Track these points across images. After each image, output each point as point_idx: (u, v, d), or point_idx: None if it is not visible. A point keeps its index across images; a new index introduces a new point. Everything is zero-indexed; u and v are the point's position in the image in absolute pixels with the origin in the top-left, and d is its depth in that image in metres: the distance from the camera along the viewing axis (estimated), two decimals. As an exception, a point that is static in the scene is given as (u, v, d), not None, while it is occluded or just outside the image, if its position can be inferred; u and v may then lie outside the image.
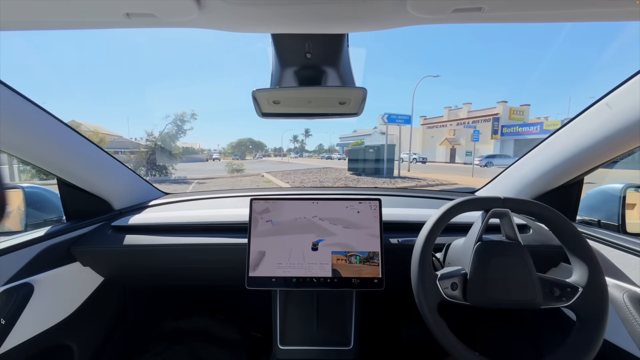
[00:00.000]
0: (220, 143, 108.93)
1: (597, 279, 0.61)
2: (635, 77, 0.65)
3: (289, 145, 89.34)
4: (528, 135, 26.15)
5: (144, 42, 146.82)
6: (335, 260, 0.85)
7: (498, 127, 27.63)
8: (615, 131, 0.71)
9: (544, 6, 0.42)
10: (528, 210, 0.67)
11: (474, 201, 0.66)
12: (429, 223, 0.66)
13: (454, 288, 0.62)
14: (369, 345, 1.29)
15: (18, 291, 0.76)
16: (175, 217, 1.04)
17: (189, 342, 1.30)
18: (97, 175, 1.02)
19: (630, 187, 0.91)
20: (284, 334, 0.89)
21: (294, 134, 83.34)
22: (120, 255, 0.98)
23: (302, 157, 61.40)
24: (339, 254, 0.86)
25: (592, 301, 0.60)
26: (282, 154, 64.45)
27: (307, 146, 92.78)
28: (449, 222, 0.66)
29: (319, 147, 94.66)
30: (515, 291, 0.62)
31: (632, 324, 0.65)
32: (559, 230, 0.66)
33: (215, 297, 1.50)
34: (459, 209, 0.66)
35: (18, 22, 0.48)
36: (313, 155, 75.97)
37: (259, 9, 0.44)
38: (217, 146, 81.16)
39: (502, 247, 0.66)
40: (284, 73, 0.72)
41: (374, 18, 0.47)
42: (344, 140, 62.24)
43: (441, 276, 0.63)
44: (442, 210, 0.66)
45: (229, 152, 59.85)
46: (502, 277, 0.62)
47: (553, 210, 0.66)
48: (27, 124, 0.76)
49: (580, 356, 0.57)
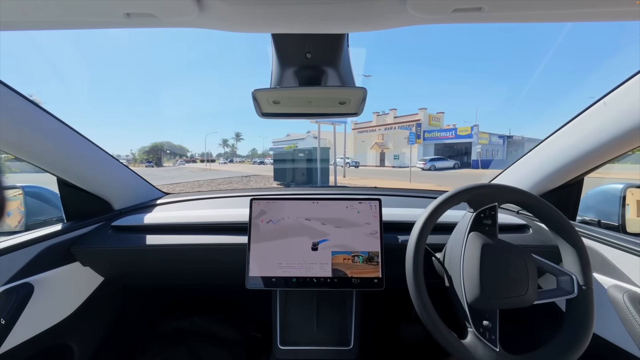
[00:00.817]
0: (133, 148, 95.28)
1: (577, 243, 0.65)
2: (635, 77, 0.65)
3: (218, 150, 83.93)
4: (445, 140, 29.82)
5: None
6: (335, 260, 0.85)
7: (420, 132, 29.96)
8: (615, 131, 0.71)
9: (544, 6, 0.42)
10: (493, 200, 0.69)
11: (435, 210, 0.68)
12: (409, 253, 0.65)
13: (488, 327, 0.61)
14: (368, 345, 1.29)
15: (18, 291, 0.76)
16: (175, 217, 1.04)
17: (189, 342, 1.30)
18: (97, 175, 1.02)
19: (631, 187, 0.91)
20: (284, 334, 0.89)
21: (223, 137, 78.57)
22: (120, 255, 0.98)
23: (232, 163, 58.03)
24: (339, 254, 0.86)
25: (583, 298, 0.62)
26: (208, 159, 58.80)
27: (240, 151, 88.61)
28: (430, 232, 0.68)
29: (252, 152, 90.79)
30: (512, 287, 0.62)
31: (632, 324, 0.65)
32: (547, 219, 0.69)
33: (215, 297, 1.50)
34: (451, 203, 0.67)
35: (18, 22, 0.47)
36: (246, 160, 72.14)
37: (259, 9, 0.44)
38: (130, 152, 72.03)
39: (505, 245, 0.66)
40: (284, 73, 0.72)
41: (374, 18, 0.47)
42: (276, 145, 56.96)
43: (476, 328, 0.61)
44: (436, 203, 0.68)
45: (143, 158, 53.50)
46: (503, 276, 0.62)
47: (524, 192, 0.69)
48: (27, 124, 0.76)
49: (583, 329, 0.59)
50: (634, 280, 0.70)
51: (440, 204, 0.68)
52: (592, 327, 0.59)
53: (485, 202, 0.69)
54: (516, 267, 0.63)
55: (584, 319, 0.60)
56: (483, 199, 0.69)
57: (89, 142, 0.95)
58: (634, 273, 0.71)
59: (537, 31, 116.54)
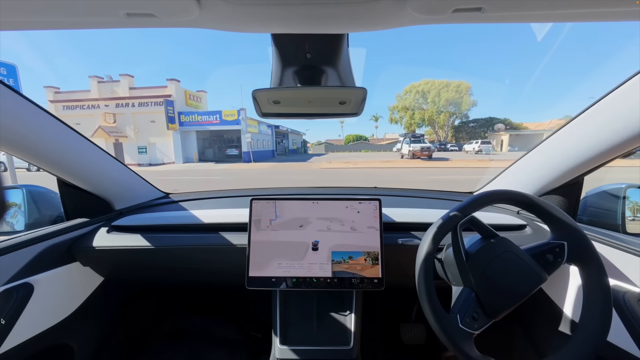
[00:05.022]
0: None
1: (572, 227, 0.66)
2: (635, 77, 0.65)
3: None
4: (210, 126, 21.70)
5: None
6: (335, 260, 0.85)
7: (174, 114, 20.44)
8: (615, 131, 0.71)
9: (544, 6, 0.42)
10: (486, 202, 0.69)
11: (440, 229, 0.66)
12: (420, 279, 0.64)
13: (477, 317, 0.61)
14: (368, 345, 1.29)
15: (18, 291, 0.77)
16: (175, 217, 1.04)
17: (189, 342, 1.30)
18: (98, 175, 1.02)
19: (631, 187, 0.91)
20: (284, 333, 0.89)
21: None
22: (120, 255, 0.98)
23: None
24: (339, 254, 0.86)
25: (581, 247, 0.65)
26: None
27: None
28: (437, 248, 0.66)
29: None
30: (522, 283, 0.63)
31: (632, 324, 0.65)
32: (523, 203, 0.70)
33: (215, 297, 1.50)
34: (435, 244, 0.65)
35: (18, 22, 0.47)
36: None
37: (259, 9, 0.44)
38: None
39: (489, 250, 0.67)
40: (284, 73, 0.72)
41: (374, 18, 0.47)
42: None
43: (460, 315, 0.61)
44: (420, 264, 0.64)
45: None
46: (505, 278, 0.63)
47: (507, 191, 0.70)
48: (27, 124, 0.76)
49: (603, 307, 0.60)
50: (634, 281, 0.70)
51: (430, 247, 0.65)
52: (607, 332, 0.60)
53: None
54: (515, 261, 0.65)
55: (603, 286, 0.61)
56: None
57: (89, 142, 0.95)
58: (634, 273, 0.70)
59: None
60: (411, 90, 41.16)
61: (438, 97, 39.25)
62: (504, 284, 0.63)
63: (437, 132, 41.83)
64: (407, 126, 42.09)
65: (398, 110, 42.85)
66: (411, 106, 41.37)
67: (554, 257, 0.66)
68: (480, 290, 0.63)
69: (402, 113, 42.43)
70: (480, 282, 0.64)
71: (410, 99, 41.17)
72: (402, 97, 42.45)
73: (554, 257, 0.66)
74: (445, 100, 39.02)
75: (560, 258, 0.66)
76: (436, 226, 0.66)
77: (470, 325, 0.60)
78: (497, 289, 0.63)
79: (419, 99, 40.73)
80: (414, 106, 41.28)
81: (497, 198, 0.70)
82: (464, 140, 41.35)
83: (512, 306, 0.62)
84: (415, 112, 41.28)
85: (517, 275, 0.64)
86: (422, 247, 0.66)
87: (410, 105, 41.40)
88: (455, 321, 0.60)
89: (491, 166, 13.30)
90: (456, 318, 0.60)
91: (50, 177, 0.96)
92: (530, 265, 0.64)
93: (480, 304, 0.63)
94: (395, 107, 43.13)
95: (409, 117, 41.75)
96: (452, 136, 44.01)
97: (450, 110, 40.20)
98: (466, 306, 0.62)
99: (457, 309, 0.62)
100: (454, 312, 0.62)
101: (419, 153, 19.15)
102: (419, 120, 41.25)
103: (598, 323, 0.60)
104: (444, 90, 38.83)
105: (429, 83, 40.26)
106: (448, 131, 42.55)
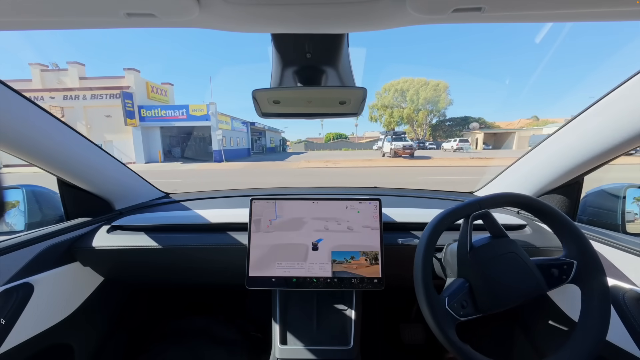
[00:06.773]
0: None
1: (587, 248, 0.64)
2: (635, 77, 0.65)
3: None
4: (176, 122, 19.03)
5: None
6: (335, 260, 0.85)
7: (133, 108, 17.77)
8: (615, 131, 0.71)
9: (544, 6, 0.42)
10: (504, 203, 0.69)
11: (453, 213, 0.66)
12: (420, 250, 0.64)
13: (465, 305, 0.62)
14: (368, 345, 1.29)
15: (18, 291, 0.77)
16: (175, 217, 1.04)
17: (189, 342, 1.30)
18: (98, 175, 1.02)
19: (631, 187, 0.91)
20: (283, 333, 0.89)
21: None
22: (120, 255, 0.98)
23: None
24: (339, 253, 0.86)
25: (590, 270, 0.63)
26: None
27: None
28: (438, 236, 0.66)
29: None
30: (520, 286, 0.63)
31: (632, 324, 0.65)
32: (540, 213, 0.69)
33: (215, 297, 1.50)
34: (443, 225, 0.65)
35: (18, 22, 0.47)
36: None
37: (259, 9, 0.44)
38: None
39: (495, 247, 0.66)
40: (284, 73, 0.72)
41: (374, 18, 0.47)
42: None
43: (449, 298, 0.61)
44: (425, 237, 0.65)
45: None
46: (505, 277, 0.63)
47: (527, 196, 0.68)
48: (27, 124, 0.76)
49: (601, 326, 0.59)
50: (634, 281, 0.70)
51: (433, 231, 0.66)
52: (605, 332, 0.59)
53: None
54: (518, 264, 0.64)
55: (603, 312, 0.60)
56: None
57: (89, 142, 0.95)
58: (634, 273, 0.71)
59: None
60: (390, 89, 41.21)
61: (417, 96, 39.37)
62: (502, 283, 0.63)
63: (416, 131, 41.87)
64: (386, 124, 42.10)
65: (377, 108, 42.81)
66: (390, 104, 41.38)
67: (559, 273, 0.65)
68: (476, 282, 0.63)
69: (381, 111, 42.41)
70: (477, 275, 0.63)
71: (390, 97, 41.19)
72: (382, 95, 42.41)
73: (559, 272, 0.65)
74: (423, 99, 39.17)
75: (565, 275, 0.64)
76: (451, 209, 0.66)
77: (457, 310, 0.60)
78: (494, 286, 0.63)
79: (398, 97, 40.77)
80: (393, 104, 41.34)
81: (517, 202, 0.69)
82: (441, 139, 41.54)
83: (504, 307, 0.62)
84: (394, 111, 41.31)
85: (517, 278, 0.63)
86: (436, 218, 0.66)
87: (390, 104, 41.40)
88: (443, 302, 0.61)
89: (474, 164, 12.90)
90: (445, 300, 0.61)
91: (50, 176, 0.96)
92: (533, 273, 0.64)
93: (472, 296, 0.63)
94: (375, 106, 43.08)
95: (388, 116, 41.72)
96: (429, 134, 44.09)
97: (428, 108, 40.34)
98: (457, 293, 0.62)
99: (447, 293, 0.63)
100: (444, 295, 0.63)
101: (401, 151, 18.64)
102: (397, 118, 41.29)
103: (597, 323, 0.60)
104: (422, 89, 38.96)
105: (408, 81, 40.28)
106: (426, 129, 42.64)
